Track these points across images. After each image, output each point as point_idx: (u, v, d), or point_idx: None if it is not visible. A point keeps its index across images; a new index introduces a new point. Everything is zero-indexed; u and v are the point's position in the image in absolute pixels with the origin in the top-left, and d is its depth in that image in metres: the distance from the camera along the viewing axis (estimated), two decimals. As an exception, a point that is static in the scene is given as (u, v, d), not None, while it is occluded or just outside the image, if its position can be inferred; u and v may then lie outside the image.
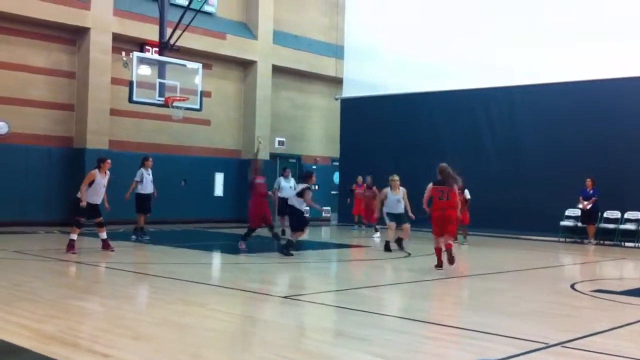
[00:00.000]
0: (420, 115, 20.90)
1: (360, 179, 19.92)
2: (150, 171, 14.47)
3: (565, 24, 18.08)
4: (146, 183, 14.36)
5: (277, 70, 23.02)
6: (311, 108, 24.88)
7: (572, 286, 9.70)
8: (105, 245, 12.34)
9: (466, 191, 15.34)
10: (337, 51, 23.40)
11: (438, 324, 7.15)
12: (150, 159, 14.69)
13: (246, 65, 22.54)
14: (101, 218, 12.31)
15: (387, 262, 12.51)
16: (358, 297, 8.58)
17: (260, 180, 13.49)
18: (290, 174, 17.24)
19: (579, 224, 17.42)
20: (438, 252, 11.01)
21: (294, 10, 24.02)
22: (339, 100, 23.27)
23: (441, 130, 20.39)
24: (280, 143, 23.61)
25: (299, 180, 14.35)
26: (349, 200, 20.43)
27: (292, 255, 12.40)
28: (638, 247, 16.54)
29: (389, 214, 13.90)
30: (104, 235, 12.34)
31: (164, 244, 14.17)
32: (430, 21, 20.83)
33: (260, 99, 22.41)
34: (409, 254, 13.39)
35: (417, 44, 21.06)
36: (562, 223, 17.67)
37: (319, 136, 25.10)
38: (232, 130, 22.43)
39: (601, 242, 17.09)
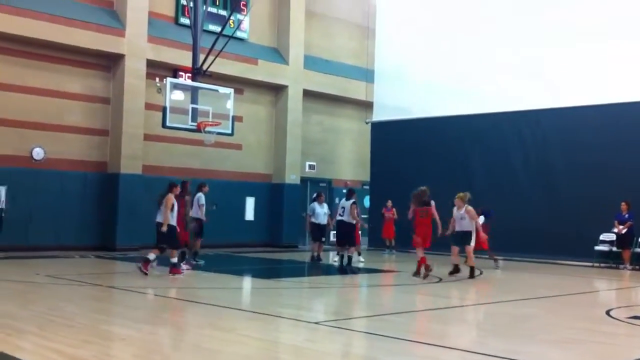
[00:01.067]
0: (450, 139, 20.83)
1: (390, 203, 20.06)
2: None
3: (596, 47, 17.93)
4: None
5: (308, 94, 23.19)
6: (341, 132, 24.98)
7: (608, 312, 9.53)
8: (172, 269, 12.38)
9: (481, 217, 14.98)
10: (367, 75, 23.51)
11: (469, 351, 7.07)
12: (207, 186, 14.95)
13: (277, 90, 22.76)
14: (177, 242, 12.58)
15: (417, 287, 12.43)
16: (388, 324, 8.53)
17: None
18: (324, 200, 17.17)
19: (614, 249, 17.12)
20: (423, 260, 12.49)
21: (324, 35, 24.25)
22: (369, 124, 23.32)
23: (471, 154, 20.29)
24: (311, 167, 23.70)
25: (347, 197, 14.98)
26: (367, 225, 20.01)
27: (357, 271, 13.45)
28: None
29: (451, 235, 13.64)
30: (173, 259, 12.47)
31: (196, 269, 14.27)
32: (459, 44, 20.82)
33: (291, 123, 22.58)
34: (440, 280, 13.29)
35: (447, 67, 21.05)
36: (597, 248, 17.38)
37: (349, 160, 25.16)
38: (263, 154, 22.61)
39: (637, 267, 16.76)
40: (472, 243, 13.40)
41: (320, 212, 16.62)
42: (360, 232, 16.84)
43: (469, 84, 20.35)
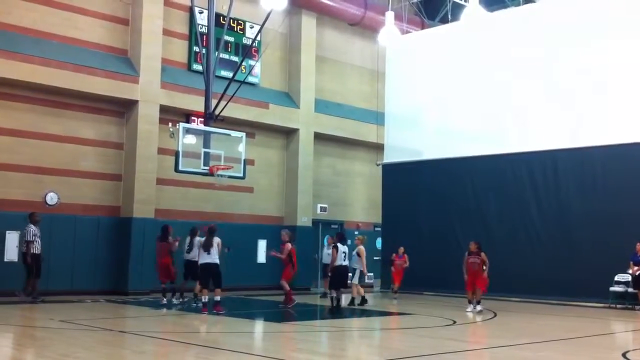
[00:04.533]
0: (462, 180, 20.84)
1: (402, 249, 19.73)
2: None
3: (609, 85, 18.03)
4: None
5: (319, 137, 23.36)
6: (353, 174, 25.07)
7: (624, 355, 9.41)
8: (216, 307, 13.47)
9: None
10: (378, 117, 23.69)
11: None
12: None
13: (288, 133, 22.95)
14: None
15: (429, 330, 12.32)
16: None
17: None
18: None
19: (629, 290, 16.94)
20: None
21: (335, 79, 24.53)
22: (381, 166, 23.42)
23: (485, 195, 20.26)
24: (322, 209, 23.73)
25: (343, 242, 15.74)
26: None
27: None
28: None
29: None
30: (217, 297, 13.67)
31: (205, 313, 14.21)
32: (470, 86, 20.99)
33: (302, 166, 22.71)
34: (454, 322, 13.17)
35: (458, 109, 21.21)
36: (612, 289, 17.21)
37: (360, 202, 25.19)
38: (275, 197, 22.68)
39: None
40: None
41: (327, 253, 18.00)
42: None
43: (481, 125, 20.48)
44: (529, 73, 19.64)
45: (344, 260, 15.95)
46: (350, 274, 16.68)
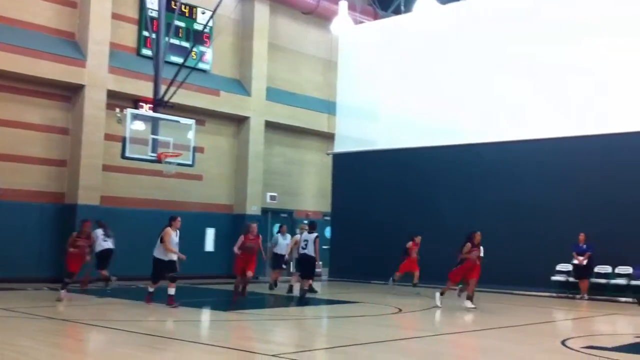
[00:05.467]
0: (413, 170, 21.03)
1: (419, 238, 17.87)
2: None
3: (556, 81, 18.37)
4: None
5: (270, 126, 23.28)
6: (304, 163, 25.08)
7: (564, 342, 9.68)
8: (170, 301, 12.68)
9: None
10: (330, 107, 23.73)
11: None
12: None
13: (239, 121, 22.80)
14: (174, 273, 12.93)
15: (376, 318, 12.45)
16: (348, 356, 8.53)
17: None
18: (286, 230, 18.27)
19: (570, 279, 17.42)
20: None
21: (287, 68, 24.44)
22: (331, 156, 23.48)
23: (435, 186, 20.50)
24: (272, 198, 23.69)
25: (310, 230, 15.26)
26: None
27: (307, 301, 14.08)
28: (629, 302, 16.49)
29: None
30: (172, 291, 12.76)
31: (153, 301, 14.04)
32: (421, 76, 21.18)
33: (253, 155, 22.61)
34: (400, 310, 13.33)
35: (410, 100, 21.37)
36: (554, 278, 17.67)
37: (311, 191, 25.23)
38: (224, 185, 22.54)
39: (592, 297, 17.05)
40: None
41: (283, 243, 17.67)
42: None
43: (433, 116, 20.68)
44: (481, 63, 19.87)
45: (306, 249, 15.31)
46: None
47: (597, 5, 18.20)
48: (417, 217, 20.30)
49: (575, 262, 17.12)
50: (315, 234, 15.00)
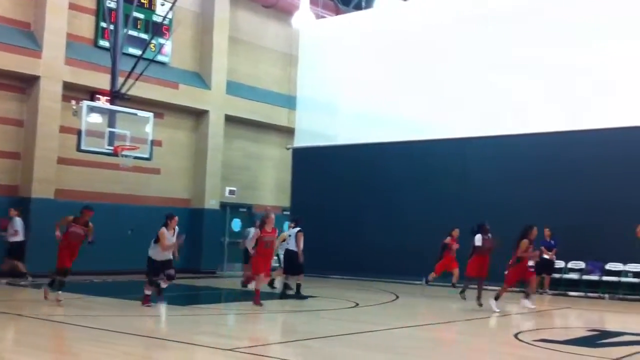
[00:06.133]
0: (371, 166, 21.14)
1: (457, 231, 16.44)
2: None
3: (514, 78, 18.56)
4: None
5: (230, 119, 23.16)
6: (264, 158, 25.01)
7: (516, 335, 9.86)
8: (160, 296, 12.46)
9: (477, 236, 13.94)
10: (290, 102, 23.72)
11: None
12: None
13: (199, 115, 22.63)
14: (172, 270, 12.49)
15: (334, 312, 12.51)
16: (305, 349, 8.56)
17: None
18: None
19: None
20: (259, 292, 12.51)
21: (248, 62, 24.32)
22: (291, 150, 23.48)
23: (393, 181, 20.60)
24: (231, 192, 23.57)
25: (294, 225, 15.29)
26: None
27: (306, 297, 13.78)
28: (581, 297, 16.83)
29: None
30: (165, 285, 12.52)
31: (108, 296, 13.90)
32: (382, 72, 21.26)
33: (212, 149, 22.47)
34: (357, 304, 13.41)
35: (370, 95, 21.49)
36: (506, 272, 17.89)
37: (270, 186, 25.18)
38: (183, 179, 22.36)
39: (543, 291, 17.34)
40: None
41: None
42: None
43: (393, 111, 20.79)
44: (442, 59, 20.02)
45: (289, 244, 15.20)
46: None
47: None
48: (377, 212, 20.44)
49: (547, 256, 17.26)
50: (297, 229, 14.97)
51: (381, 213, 20.32)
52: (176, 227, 12.61)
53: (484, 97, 19.14)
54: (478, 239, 13.44)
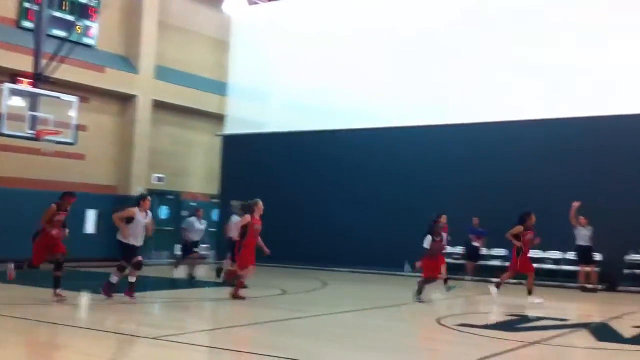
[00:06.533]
0: (303, 154, 21.19)
1: (444, 218, 14.68)
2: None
3: (449, 65, 18.90)
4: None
5: (159, 105, 22.75)
6: (193, 144, 24.68)
7: (439, 321, 10.09)
8: (129, 292, 11.23)
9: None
10: (221, 88, 23.47)
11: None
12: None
13: (126, 100, 22.14)
14: (140, 259, 11.32)
15: (262, 300, 12.51)
16: (232, 337, 8.53)
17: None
18: (203, 215, 16.56)
19: (458, 262, 18.01)
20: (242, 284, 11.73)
21: (178, 47, 23.89)
22: (221, 137, 23.26)
23: (324, 169, 20.72)
24: (159, 179, 23.16)
25: (243, 212, 14.49)
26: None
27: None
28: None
29: None
30: (133, 279, 11.28)
31: (28, 285, 13.46)
32: (314, 60, 21.27)
33: (139, 134, 22.05)
34: (285, 292, 13.45)
35: (302, 83, 21.51)
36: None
37: (199, 173, 24.89)
38: (108, 165, 21.85)
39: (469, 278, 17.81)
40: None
41: (199, 228, 16.14)
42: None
43: (325, 99, 20.88)
44: (376, 46, 20.15)
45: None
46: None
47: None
48: (309, 200, 20.52)
49: (477, 244, 17.62)
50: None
51: (312, 201, 20.42)
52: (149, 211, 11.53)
53: (417, 85, 19.31)
54: (427, 242, 12.58)
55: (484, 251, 18.09)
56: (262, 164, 21.80)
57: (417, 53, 19.47)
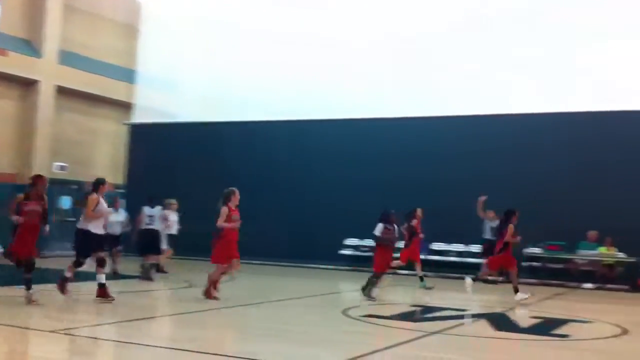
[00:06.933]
0: (213, 145, 20.88)
1: (420, 211, 14.22)
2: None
3: (376, 62, 19.00)
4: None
5: (63, 91, 21.93)
6: (98, 133, 23.95)
7: (345, 311, 10.18)
8: (103, 293, 10.22)
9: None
10: (131, 76, 22.83)
11: (208, 353, 7.05)
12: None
13: (28, 85, 21.23)
14: (105, 254, 10.45)
15: (173, 292, 12.28)
16: (135, 330, 8.31)
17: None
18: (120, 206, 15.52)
19: (358, 253, 18.28)
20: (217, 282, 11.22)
21: (84, 31, 23.09)
22: (128, 126, 22.64)
23: (235, 161, 20.47)
24: (62, 168, 22.31)
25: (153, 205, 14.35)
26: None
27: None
28: (412, 274, 17.62)
29: None
30: (102, 278, 10.26)
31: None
32: (226, 51, 20.99)
33: (41, 121, 21.22)
34: (190, 285, 13.26)
35: (213, 73, 21.17)
36: (341, 252, 18.50)
37: (104, 162, 24.13)
38: (8, 152, 20.92)
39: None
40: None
41: (115, 220, 14.65)
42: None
43: (237, 90, 20.62)
44: (291, 36, 19.95)
45: (151, 224, 14.41)
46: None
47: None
48: (218, 191, 20.19)
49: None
50: (159, 207, 14.58)
51: (219, 193, 20.12)
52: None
53: (362, 76, 19.14)
54: (378, 229, 11.84)
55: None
56: (171, 154, 21.36)
57: (335, 39, 19.35)
